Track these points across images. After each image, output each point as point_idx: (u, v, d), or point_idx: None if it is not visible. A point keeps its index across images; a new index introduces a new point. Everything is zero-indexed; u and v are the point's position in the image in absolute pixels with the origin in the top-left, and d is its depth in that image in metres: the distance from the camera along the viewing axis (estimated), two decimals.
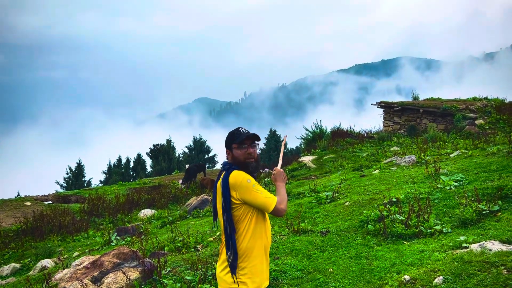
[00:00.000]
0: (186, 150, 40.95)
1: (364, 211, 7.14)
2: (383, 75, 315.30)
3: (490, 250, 4.57)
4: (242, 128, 3.08)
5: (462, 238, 5.28)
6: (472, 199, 6.63)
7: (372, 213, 6.80)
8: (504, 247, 4.58)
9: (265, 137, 41.31)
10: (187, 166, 20.26)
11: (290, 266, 5.55)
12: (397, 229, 6.05)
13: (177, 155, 39.86)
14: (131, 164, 38.59)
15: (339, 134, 21.94)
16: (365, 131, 23.09)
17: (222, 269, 2.90)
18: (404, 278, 4.37)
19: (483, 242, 4.85)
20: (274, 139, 39.79)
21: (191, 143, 40.90)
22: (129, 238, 9.83)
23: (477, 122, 18.25)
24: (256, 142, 3.05)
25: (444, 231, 5.90)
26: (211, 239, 7.82)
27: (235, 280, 2.80)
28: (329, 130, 23.08)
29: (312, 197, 9.45)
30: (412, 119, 21.22)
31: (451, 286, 3.99)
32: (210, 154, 40.91)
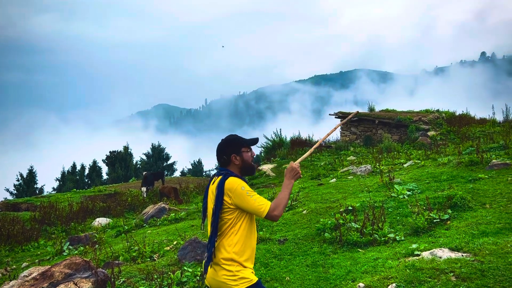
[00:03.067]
0: (144, 157, 40.22)
1: (321, 219, 7.24)
2: (341, 86, 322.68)
3: (440, 257, 4.74)
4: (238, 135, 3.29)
5: (414, 246, 5.45)
6: (424, 207, 6.87)
7: (329, 221, 6.90)
8: (453, 255, 4.76)
9: None
10: (144, 174, 19.81)
11: None
12: (352, 237, 6.17)
13: (134, 162, 39.06)
14: (86, 171, 37.45)
15: (298, 143, 22.22)
16: (323, 141, 23.49)
17: (218, 269, 3.00)
18: (359, 286, 4.45)
19: (434, 249, 5.02)
20: None
21: (150, 150, 40.21)
22: (82, 248, 9.50)
23: (429, 133, 18.99)
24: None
25: (398, 239, 6.07)
26: (168, 248, 7.69)
27: (232, 277, 2.93)
28: (288, 139, 23.33)
29: None
30: (368, 130, 21.81)
31: None
32: (169, 162, 40.35)
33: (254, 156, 3.24)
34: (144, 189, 18.04)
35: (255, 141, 3.23)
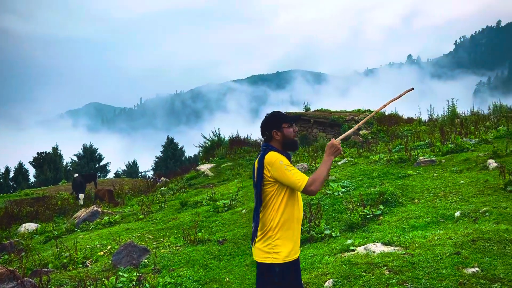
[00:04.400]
0: (75, 158, 38.39)
1: None
2: (277, 87, 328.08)
3: (374, 252, 4.93)
4: (280, 111, 3.34)
5: (349, 241, 5.63)
6: (358, 204, 7.12)
7: None
8: (385, 249, 4.97)
9: (162, 145, 40.36)
10: (75, 176, 18.71)
11: (186, 277, 5.43)
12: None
13: (64, 163, 37.16)
14: (11, 174, 35.05)
15: (236, 142, 22.23)
16: (261, 140, 23.69)
17: (256, 239, 3.10)
18: None
19: (368, 244, 5.21)
20: (171, 147, 39.04)
21: (81, 151, 38.45)
22: (6, 256, 8.85)
23: (361, 132, 19.76)
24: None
25: (334, 235, 6.24)
26: (102, 253, 7.36)
27: (265, 249, 3.02)
28: (227, 138, 23.28)
29: (210, 205, 9.41)
30: (304, 129, 22.29)
31: None
32: (102, 163, 38.83)
33: (297, 131, 3.28)
34: (82, 195, 16.69)
35: (296, 117, 3.34)
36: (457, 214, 5.87)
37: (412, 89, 3.66)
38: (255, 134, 27.09)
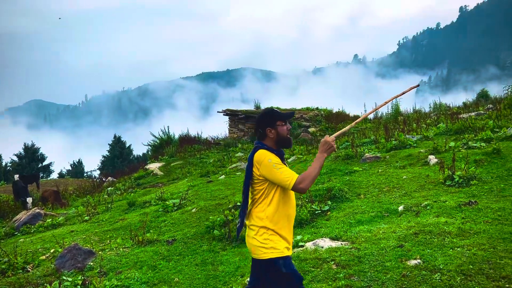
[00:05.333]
0: (16, 158, 36.42)
1: (210, 217, 7.22)
2: (228, 84, 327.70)
3: (322, 247, 5.03)
4: (276, 108, 3.26)
5: (298, 237, 5.70)
6: (307, 200, 7.23)
7: (218, 219, 6.91)
8: (333, 244, 5.08)
9: (108, 144, 39.14)
10: (16, 177, 17.69)
11: (133, 279, 5.28)
12: (241, 233, 6.25)
13: (4, 164, 35.17)
14: None
15: (187, 140, 21.97)
16: (212, 138, 23.57)
17: (251, 237, 3.08)
18: (247, 281, 4.50)
19: (316, 240, 5.31)
20: (119, 146, 37.94)
21: (22, 151, 36.52)
22: None
23: (310, 129, 20.15)
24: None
25: None
26: (44, 257, 7.02)
27: (262, 245, 2.99)
28: (177, 136, 22.94)
29: (159, 205, 9.23)
30: (254, 127, 22.40)
31: None
32: (45, 163, 37.09)
33: (290, 129, 3.22)
34: (30, 199, 15.53)
35: (291, 114, 3.26)
36: (400, 208, 6.11)
37: (418, 85, 3.67)
38: (206, 132, 26.83)
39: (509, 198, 5.73)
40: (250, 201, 3.16)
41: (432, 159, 8.30)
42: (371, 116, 20.74)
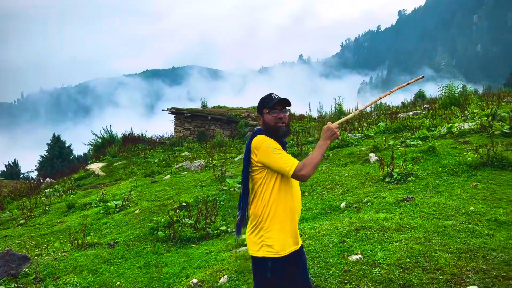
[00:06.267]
0: None
1: (154, 218, 7.06)
2: (174, 82, 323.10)
3: None
4: (273, 93, 3.00)
5: (244, 236, 5.69)
6: None
7: (162, 219, 6.77)
8: None
9: (47, 143, 37.31)
10: None
11: (72, 285, 5.05)
12: (186, 233, 6.16)
13: None
14: None
15: (130, 139, 21.39)
16: (157, 137, 23.11)
17: (248, 230, 2.89)
18: (192, 282, 4.44)
19: None
20: (58, 145, 36.26)
21: None
22: None
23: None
24: (287, 107, 3.00)
25: (229, 231, 6.28)
26: None
27: (257, 241, 2.79)
28: (120, 135, 22.27)
29: (100, 207, 8.90)
30: (201, 125, 22.21)
31: (234, 284, 4.23)
32: None
33: (286, 118, 2.93)
34: None
35: (282, 101, 2.93)
36: (342, 205, 6.27)
37: (423, 77, 3.53)
38: (151, 131, 26.27)
39: (443, 194, 6.05)
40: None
41: (373, 157, 8.60)
42: (315, 115, 21.20)
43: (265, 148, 2.76)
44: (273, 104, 2.90)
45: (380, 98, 3.28)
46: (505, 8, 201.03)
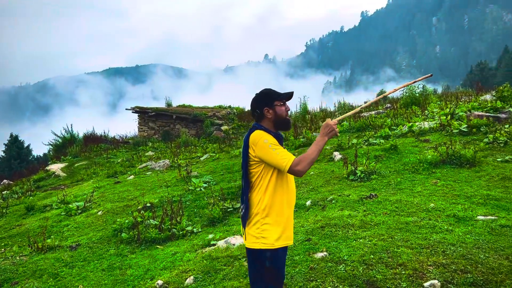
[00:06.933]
0: None
1: (118, 219, 6.91)
2: (137, 80, 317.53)
3: (234, 244, 5.04)
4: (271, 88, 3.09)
5: (210, 236, 5.67)
6: (219, 198, 7.22)
7: (126, 221, 6.64)
8: None
9: (4, 144, 35.84)
10: None
11: None
12: (151, 234, 6.06)
13: None
14: None
15: (92, 139, 20.85)
16: (120, 136, 22.64)
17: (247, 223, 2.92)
18: (158, 284, 4.37)
19: (228, 238, 5.31)
20: (16, 146, 34.90)
21: None
22: None
23: (223, 128, 20.19)
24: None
25: (195, 231, 6.22)
26: None
27: (254, 234, 2.83)
28: (81, 135, 21.67)
29: (61, 208, 8.63)
30: (166, 125, 21.93)
31: (200, 284, 4.20)
32: None
33: (289, 111, 3.01)
34: None
35: (290, 94, 3.04)
36: (308, 203, 6.34)
37: (431, 75, 3.59)
38: (114, 130, 25.69)
39: (405, 191, 6.22)
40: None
41: (337, 155, 8.74)
42: None
43: (262, 143, 2.81)
44: (286, 97, 3.01)
45: (390, 93, 3.40)
46: (462, 11, 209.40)
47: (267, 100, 3.00)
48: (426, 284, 3.51)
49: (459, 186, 6.10)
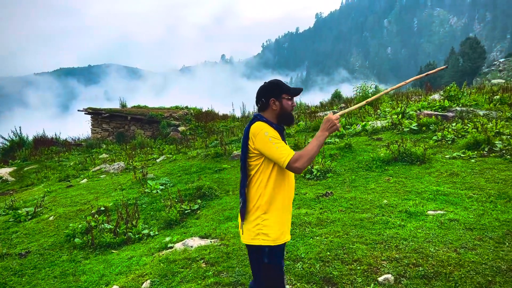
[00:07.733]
0: None
1: (70, 224, 6.68)
2: (90, 81, 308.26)
3: (192, 246, 4.99)
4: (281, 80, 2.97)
5: (167, 238, 5.58)
6: (176, 200, 7.13)
7: (80, 225, 6.42)
8: (203, 242, 5.08)
9: None
10: None
11: None
12: (105, 239, 5.90)
13: None
14: None
15: (43, 142, 20.04)
16: (72, 139, 21.90)
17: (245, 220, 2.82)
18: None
19: (186, 240, 5.25)
20: None
21: None
22: None
23: (180, 128, 19.95)
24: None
25: (152, 234, 6.11)
26: None
27: (253, 229, 2.73)
28: (31, 138, 20.76)
29: (9, 215, 8.23)
30: (121, 126, 21.41)
31: None
32: None
33: (295, 106, 2.91)
34: None
35: (298, 90, 2.95)
36: None
37: (447, 66, 3.58)
38: (66, 133, 24.90)
39: (359, 188, 6.38)
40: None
41: None
42: (239, 114, 21.36)
43: (262, 135, 2.70)
44: (294, 92, 2.92)
45: (397, 87, 3.30)
46: (411, 13, 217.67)
47: (276, 91, 2.90)
48: (380, 279, 3.62)
49: (410, 182, 6.33)
